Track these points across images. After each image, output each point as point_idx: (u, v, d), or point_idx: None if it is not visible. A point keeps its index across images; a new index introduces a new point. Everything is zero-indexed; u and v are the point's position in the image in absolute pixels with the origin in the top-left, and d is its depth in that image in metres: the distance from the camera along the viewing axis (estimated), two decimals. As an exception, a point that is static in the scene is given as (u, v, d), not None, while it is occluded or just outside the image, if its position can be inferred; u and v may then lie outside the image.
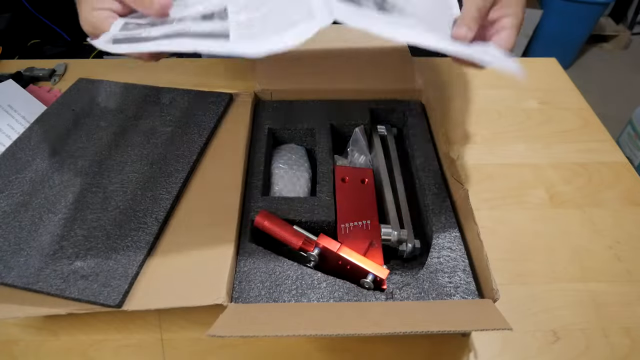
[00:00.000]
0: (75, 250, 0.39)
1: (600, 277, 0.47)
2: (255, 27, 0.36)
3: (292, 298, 0.38)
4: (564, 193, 0.55)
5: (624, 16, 2.18)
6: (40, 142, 0.49)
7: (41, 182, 0.45)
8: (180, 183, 0.45)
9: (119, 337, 0.41)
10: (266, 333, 0.34)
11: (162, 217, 0.42)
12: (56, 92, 0.66)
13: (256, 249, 0.42)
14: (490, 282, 0.37)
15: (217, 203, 0.44)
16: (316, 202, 0.46)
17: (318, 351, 0.41)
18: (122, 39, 0.37)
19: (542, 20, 1.84)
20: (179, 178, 0.46)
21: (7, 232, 0.40)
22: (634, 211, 0.53)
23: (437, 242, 0.43)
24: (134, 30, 0.38)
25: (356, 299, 0.38)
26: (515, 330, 0.42)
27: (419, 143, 0.53)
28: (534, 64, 0.76)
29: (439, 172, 0.49)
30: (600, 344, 0.41)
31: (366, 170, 0.51)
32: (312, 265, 0.42)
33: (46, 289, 0.36)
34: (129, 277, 0.37)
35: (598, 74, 1.99)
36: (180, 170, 0.46)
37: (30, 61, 0.71)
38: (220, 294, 0.36)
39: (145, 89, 0.57)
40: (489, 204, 0.54)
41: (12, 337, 0.41)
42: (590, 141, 0.61)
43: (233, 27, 0.36)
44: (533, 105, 0.67)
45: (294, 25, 0.34)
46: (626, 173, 0.57)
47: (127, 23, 0.40)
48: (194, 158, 0.48)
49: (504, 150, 0.60)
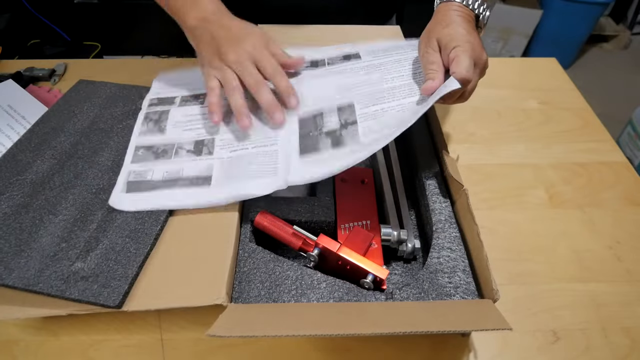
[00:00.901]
0: (75, 251, 0.39)
1: (600, 277, 0.47)
2: (233, 167, 0.45)
3: (292, 298, 0.38)
4: (564, 193, 0.55)
5: (624, 16, 2.18)
6: (41, 143, 0.49)
7: (42, 183, 0.45)
8: (180, 183, 0.45)
9: (119, 337, 0.41)
10: (266, 333, 0.34)
11: (162, 218, 0.42)
12: (56, 92, 0.66)
13: (256, 249, 0.42)
14: (490, 282, 0.37)
15: (217, 203, 0.44)
16: (316, 202, 0.46)
17: (318, 351, 0.41)
18: (132, 184, 0.45)
19: (542, 20, 1.84)
20: (179, 178, 0.46)
21: (8, 234, 0.40)
22: (634, 211, 0.53)
23: (437, 242, 0.43)
24: (143, 162, 0.47)
25: (356, 299, 0.38)
26: (515, 330, 0.42)
27: (418, 143, 0.53)
28: (534, 64, 0.76)
29: (439, 172, 0.50)
30: (600, 344, 0.41)
31: (366, 170, 0.52)
32: (312, 265, 0.42)
33: (47, 290, 0.36)
34: (128, 278, 0.37)
35: (598, 74, 1.99)
36: (180, 171, 0.46)
37: (30, 61, 0.71)
38: (220, 294, 0.36)
39: (145, 90, 0.57)
40: (489, 204, 0.54)
41: (12, 337, 0.41)
42: (590, 141, 0.61)
43: (216, 168, 0.45)
44: (533, 105, 0.67)
45: (261, 177, 0.44)
46: (626, 173, 0.57)
47: (137, 147, 0.48)
48: (194, 158, 0.48)
49: (504, 150, 0.60)
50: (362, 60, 0.53)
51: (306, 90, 0.51)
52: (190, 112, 0.52)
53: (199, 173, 0.45)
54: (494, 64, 0.75)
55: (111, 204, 0.42)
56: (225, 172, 0.45)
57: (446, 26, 0.44)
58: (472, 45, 0.43)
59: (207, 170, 0.45)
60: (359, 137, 0.44)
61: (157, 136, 0.49)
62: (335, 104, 0.48)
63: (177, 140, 0.49)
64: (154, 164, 0.46)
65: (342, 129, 0.45)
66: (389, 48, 0.54)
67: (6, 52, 0.76)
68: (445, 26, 0.45)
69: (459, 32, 0.44)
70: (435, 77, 0.43)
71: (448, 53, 0.43)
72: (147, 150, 0.48)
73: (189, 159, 0.47)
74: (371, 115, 0.46)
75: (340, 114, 0.47)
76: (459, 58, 0.42)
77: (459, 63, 0.42)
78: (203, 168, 0.46)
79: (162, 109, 0.52)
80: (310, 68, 0.54)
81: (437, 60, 0.44)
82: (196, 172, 0.45)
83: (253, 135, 0.48)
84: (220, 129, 0.49)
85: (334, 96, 0.49)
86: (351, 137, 0.44)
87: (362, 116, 0.46)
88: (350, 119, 0.46)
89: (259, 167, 0.45)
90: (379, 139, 0.43)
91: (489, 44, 1.95)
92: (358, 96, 0.48)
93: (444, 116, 0.64)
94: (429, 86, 0.43)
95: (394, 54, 0.52)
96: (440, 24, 0.45)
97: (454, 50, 0.43)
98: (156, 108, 0.53)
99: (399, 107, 0.45)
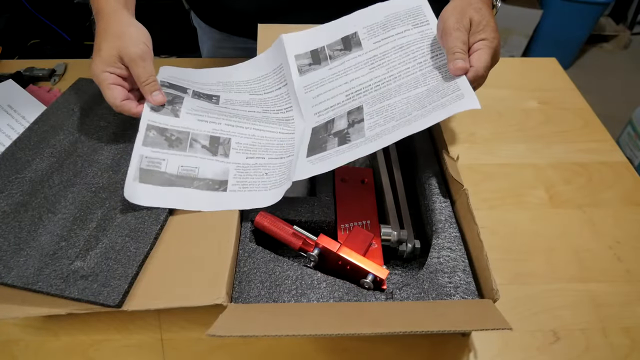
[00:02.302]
0: (75, 250, 0.39)
1: (600, 277, 0.47)
2: (249, 176, 0.46)
3: (292, 298, 0.38)
4: (564, 193, 0.55)
5: (624, 16, 2.18)
6: (40, 142, 0.49)
7: (41, 182, 0.45)
8: (180, 183, 0.45)
9: (118, 337, 0.41)
10: (266, 333, 0.34)
11: (162, 217, 0.42)
12: (56, 92, 0.66)
13: (256, 249, 0.42)
14: (490, 282, 0.36)
15: (217, 203, 0.44)
16: (316, 202, 0.46)
17: (318, 351, 0.41)
18: (145, 172, 0.43)
19: (542, 20, 1.84)
20: (179, 178, 0.46)
21: (7, 232, 0.40)
22: (634, 211, 0.53)
23: (437, 242, 0.43)
24: (155, 148, 0.45)
25: (356, 299, 0.38)
26: (515, 330, 0.42)
27: (419, 143, 0.53)
28: (534, 64, 0.76)
29: (439, 172, 0.49)
30: (600, 344, 0.41)
31: (366, 170, 0.51)
32: (312, 265, 0.42)
33: (46, 289, 0.36)
34: (128, 277, 0.37)
35: (598, 74, 1.99)
36: (180, 170, 0.46)
37: (30, 61, 0.71)
38: (220, 294, 0.36)
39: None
40: (489, 204, 0.54)
41: (12, 337, 0.41)
42: (590, 141, 0.61)
43: (232, 174, 0.46)
44: (533, 105, 0.67)
45: (274, 187, 0.45)
46: (626, 173, 0.57)
47: (149, 126, 0.46)
48: (193, 158, 0.48)
49: (504, 150, 0.60)
50: (363, 48, 0.52)
51: (317, 101, 0.51)
52: (204, 106, 0.51)
53: (214, 176, 0.45)
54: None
55: (127, 197, 0.41)
56: (241, 179, 0.45)
57: (478, 10, 0.44)
58: (497, 42, 0.43)
59: (223, 174, 0.45)
60: (364, 132, 0.44)
61: (170, 118, 0.47)
62: (346, 109, 0.49)
63: (191, 129, 0.47)
64: (167, 153, 0.45)
65: (349, 127, 0.46)
66: (387, 21, 0.52)
67: (6, 52, 0.76)
68: (477, 10, 0.44)
69: (491, 23, 0.43)
70: (465, 59, 0.42)
71: (475, 40, 0.43)
72: (159, 134, 0.46)
73: (204, 157, 0.46)
74: (376, 112, 0.46)
75: (349, 116, 0.47)
76: (483, 52, 0.42)
77: (481, 58, 0.41)
78: (219, 171, 0.46)
79: (174, 92, 0.50)
80: (313, 67, 0.54)
81: (467, 41, 0.43)
82: (212, 175, 0.45)
83: (272, 147, 0.49)
84: (237, 131, 0.49)
85: (344, 102, 0.49)
86: (357, 133, 0.45)
87: (369, 114, 0.46)
88: (358, 118, 0.46)
89: (273, 178, 0.46)
90: (382, 132, 0.43)
91: (489, 44, 1.95)
92: (366, 98, 0.48)
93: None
94: (460, 66, 0.42)
95: (395, 34, 0.51)
96: (472, 5, 0.44)
97: (481, 42, 0.42)
98: (168, 90, 0.50)
99: (405, 101, 0.45)
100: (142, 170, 0.43)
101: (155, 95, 0.46)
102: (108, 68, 0.45)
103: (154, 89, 0.46)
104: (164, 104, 0.48)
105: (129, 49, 0.45)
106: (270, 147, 0.49)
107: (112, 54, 0.45)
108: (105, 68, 0.45)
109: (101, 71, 0.45)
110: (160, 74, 0.52)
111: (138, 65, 0.45)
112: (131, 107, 0.46)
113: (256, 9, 0.65)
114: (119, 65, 0.45)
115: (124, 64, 0.45)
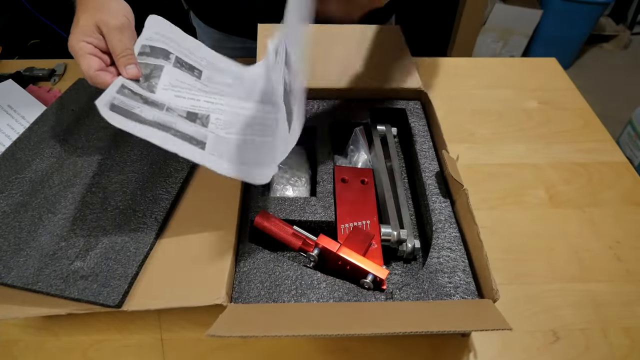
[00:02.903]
0: (74, 250, 0.39)
1: (600, 277, 0.47)
2: (226, 148, 0.43)
3: (292, 298, 0.38)
4: (564, 193, 0.55)
5: (624, 16, 2.18)
6: (40, 142, 0.49)
7: (41, 182, 0.45)
8: (180, 183, 0.45)
9: (118, 337, 0.41)
10: (266, 333, 0.34)
11: (161, 217, 0.42)
12: (56, 92, 0.66)
13: (256, 249, 0.42)
14: (490, 282, 0.36)
15: (217, 203, 0.44)
16: (316, 202, 0.46)
17: (318, 351, 0.41)
18: (118, 108, 0.40)
19: (542, 20, 1.84)
20: (179, 178, 0.46)
21: (7, 232, 0.40)
22: (634, 211, 0.53)
23: (437, 242, 0.43)
24: (129, 99, 0.41)
25: (356, 299, 0.38)
26: (515, 330, 0.42)
27: (418, 143, 0.53)
28: (534, 64, 0.76)
29: (439, 172, 0.49)
30: (600, 344, 0.41)
31: (366, 170, 0.51)
32: (312, 265, 0.42)
33: (46, 289, 0.36)
34: (128, 277, 0.37)
35: (598, 74, 1.99)
36: (180, 170, 0.46)
37: (30, 61, 0.71)
38: (220, 294, 0.36)
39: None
40: (489, 204, 0.54)
41: (12, 337, 0.41)
42: (590, 141, 0.61)
43: (210, 140, 0.43)
44: (533, 105, 0.67)
45: (260, 166, 0.42)
46: (626, 173, 0.57)
47: (123, 86, 0.42)
48: (193, 158, 0.48)
49: (504, 150, 0.60)
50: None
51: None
52: (184, 80, 0.48)
53: (193, 134, 0.42)
54: (494, 64, 0.76)
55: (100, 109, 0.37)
56: (219, 148, 0.43)
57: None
58: None
59: (202, 136, 0.43)
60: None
61: (145, 91, 0.44)
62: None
63: (167, 103, 0.45)
64: (142, 106, 0.42)
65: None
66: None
67: (6, 52, 0.76)
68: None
69: None
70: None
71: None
72: (133, 94, 0.42)
73: (181, 120, 0.43)
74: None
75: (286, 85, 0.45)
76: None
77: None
78: (197, 133, 0.43)
79: (154, 62, 0.46)
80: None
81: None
82: (191, 133, 0.42)
83: (251, 124, 0.47)
84: (216, 108, 0.47)
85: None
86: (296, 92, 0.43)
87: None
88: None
89: (263, 154, 0.44)
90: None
91: (489, 44, 1.95)
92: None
93: (444, 116, 0.64)
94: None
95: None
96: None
97: None
98: (147, 60, 0.46)
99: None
100: (113, 106, 0.39)
101: (129, 68, 0.43)
102: (85, 38, 0.42)
103: (128, 62, 0.43)
104: (139, 78, 0.44)
105: (108, 20, 0.43)
106: (252, 125, 0.47)
107: (90, 23, 0.43)
108: (82, 38, 0.42)
109: (78, 41, 0.42)
110: (146, 29, 0.49)
111: (114, 36, 0.43)
112: (106, 78, 0.42)
113: (256, 8, 0.65)
114: (96, 36, 0.43)
115: (102, 34, 0.43)
